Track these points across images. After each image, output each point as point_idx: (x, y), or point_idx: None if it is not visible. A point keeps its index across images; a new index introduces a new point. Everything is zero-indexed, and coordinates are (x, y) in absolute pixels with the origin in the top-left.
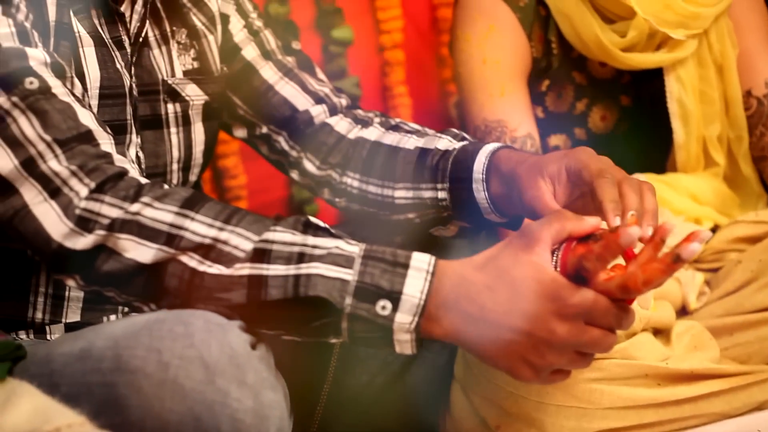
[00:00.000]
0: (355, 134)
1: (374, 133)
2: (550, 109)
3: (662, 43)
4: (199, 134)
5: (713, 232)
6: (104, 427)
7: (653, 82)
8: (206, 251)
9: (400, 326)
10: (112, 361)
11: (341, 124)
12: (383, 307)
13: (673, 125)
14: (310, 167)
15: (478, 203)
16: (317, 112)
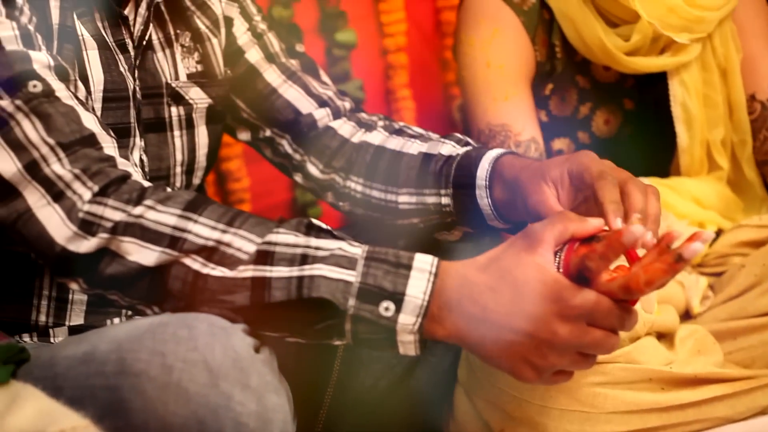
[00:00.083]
0: (358, 138)
1: (378, 137)
2: (553, 112)
3: (666, 47)
4: (202, 137)
5: (717, 236)
6: (108, 430)
7: (657, 86)
8: (209, 254)
9: (403, 327)
10: (115, 364)
11: (345, 127)
12: (386, 308)
13: (676, 129)
14: (313, 171)
15: (481, 209)
16: (321, 115)
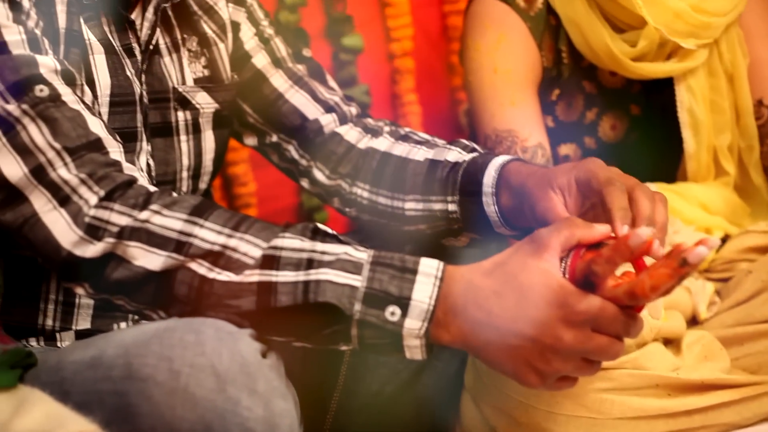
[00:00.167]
0: (365, 144)
1: (384, 143)
2: (560, 118)
3: (673, 52)
4: (209, 142)
5: (724, 241)
6: None
7: (663, 91)
8: (215, 258)
9: (409, 332)
10: (122, 369)
11: (351, 133)
12: (392, 313)
13: (683, 135)
14: (319, 176)
15: (488, 216)
16: (327, 121)
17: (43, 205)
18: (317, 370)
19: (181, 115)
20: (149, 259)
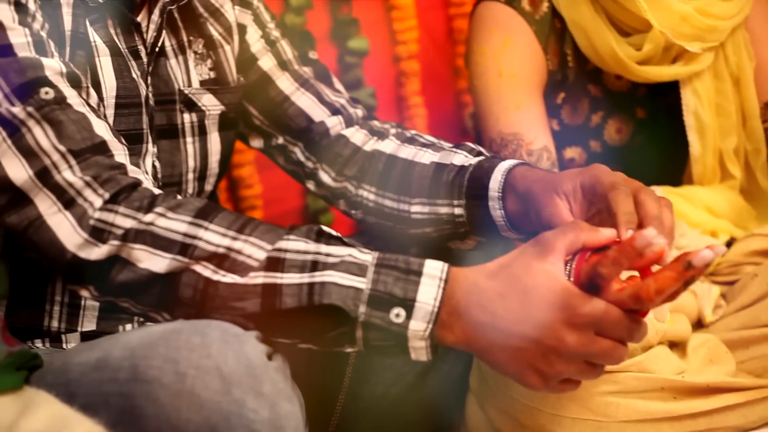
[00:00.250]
0: (371, 146)
1: (390, 145)
2: (565, 121)
3: (678, 56)
4: (215, 144)
5: (729, 245)
6: None
7: (669, 95)
8: (220, 260)
9: (414, 333)
10: (128, 371)
11: (357, 135)
12: (397, 314)
13: (689, 138)
14: (325, 178)
15: (494, 220)
16: (333, 123)
17: (47, 207)
18: (322, 372)
19: (187, 117)
20: (154, 261)
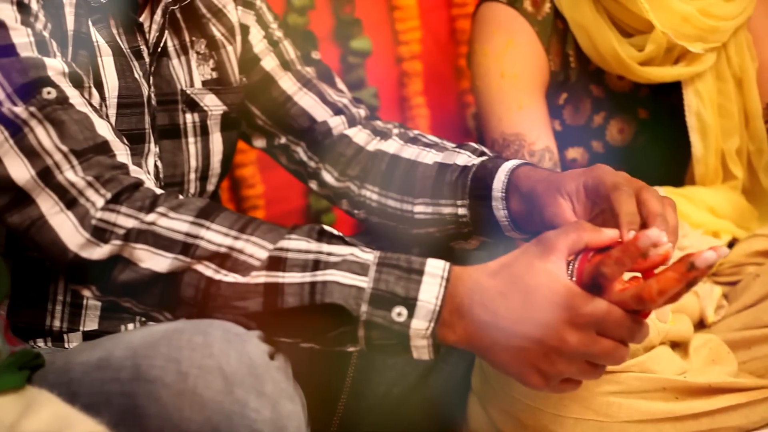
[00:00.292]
0: (373, 146)
1: (393, 145)
2: (567, 122)
3: (680, 56)
4: (217, 144)
5: (731, 245)
6: None
7: (671, 95)
8: (222, 260)
9: (416, 332)
10: (130, 370)
11: (360, 135)
12: (399, 313)
13: (691, 139)
14: (328, 178)
15: (498, 221)
16: (336, 123)
17: (50, 207)
18: (324, 372)
19: (189, 117)
20: (156, 261)
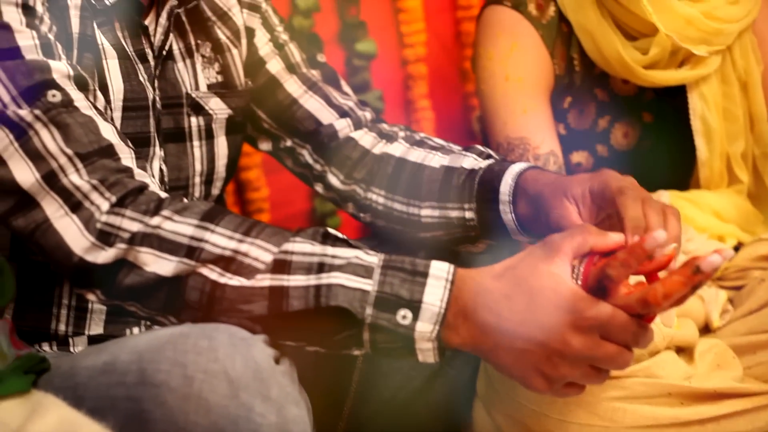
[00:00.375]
0: (379, 149)
1: (399, 149)
2: (572, 126)
3: (685, 59)
4: (222, 148)
5: (737, 249)
6: None
7: (676, 99)
8: (227, 263)
9: (421, 335)
10: (136, 375)
11: (366, 138)
12: (404, 316)
13: (696, 142)
14: (334, 181)
15: (505, 224)
16: (341, 126)
17: (54, 211)
18: (330, 376)
19: (194, 120)
20: (161, 264)
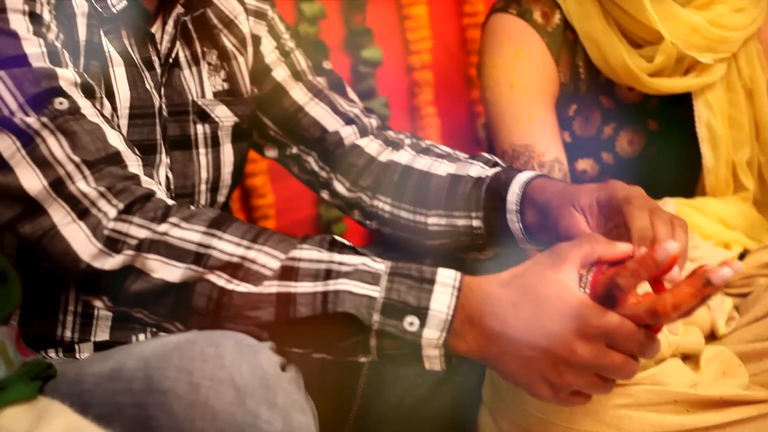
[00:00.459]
0: (385, 157)
1: (405, 156)
2: (577, 133)
3: (690, 67)
4: (227, 155)
5: (742, 256)
6: None
7: (681, 106)
8: (234, 270)
9: (428, 342)
10: (142, 381)
11: (371, 145)
12: (411, 323)
13: (702, 150)
14: (340, 188)
15: (512, 232)
16: (347, 133)
17: (62, 218)
18: (336, 383)
19: (200, 128)
20: (168, 271)
